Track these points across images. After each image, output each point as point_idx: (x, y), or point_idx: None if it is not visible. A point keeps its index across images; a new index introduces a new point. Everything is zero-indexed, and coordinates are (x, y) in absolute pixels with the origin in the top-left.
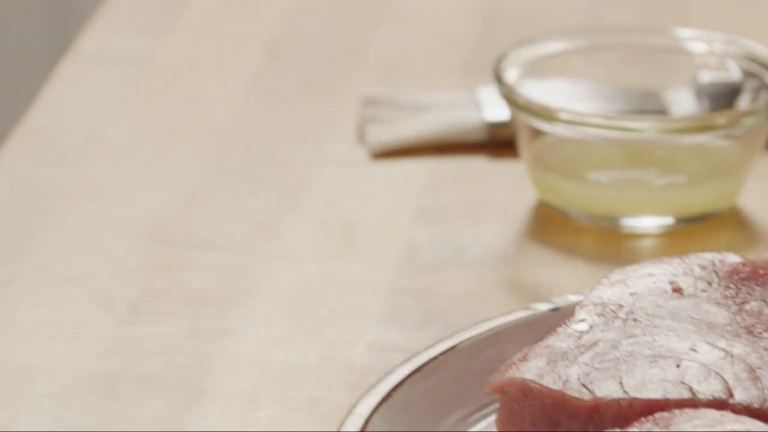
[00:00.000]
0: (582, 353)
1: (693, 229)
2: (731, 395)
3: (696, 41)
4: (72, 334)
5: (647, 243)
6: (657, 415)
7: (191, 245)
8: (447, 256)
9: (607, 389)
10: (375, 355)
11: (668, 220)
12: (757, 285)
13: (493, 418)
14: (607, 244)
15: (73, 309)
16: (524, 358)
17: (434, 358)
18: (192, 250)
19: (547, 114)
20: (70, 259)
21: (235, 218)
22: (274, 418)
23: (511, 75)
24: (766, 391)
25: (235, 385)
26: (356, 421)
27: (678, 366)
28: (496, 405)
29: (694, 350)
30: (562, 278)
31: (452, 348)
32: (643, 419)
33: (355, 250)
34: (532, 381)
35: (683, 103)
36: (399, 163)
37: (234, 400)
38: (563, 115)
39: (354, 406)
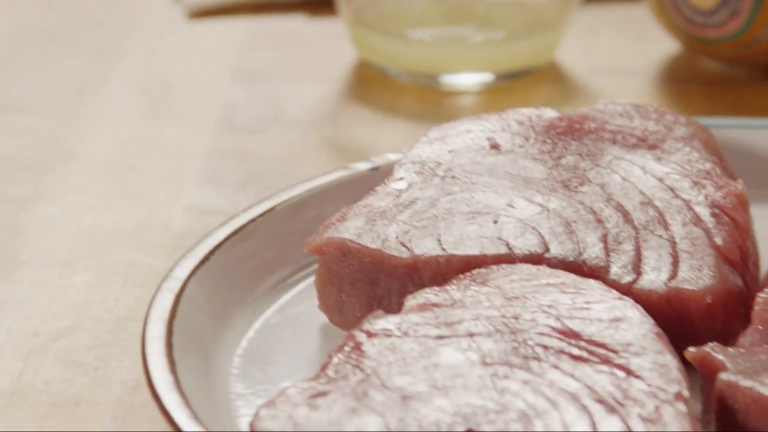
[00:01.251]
0: (400, 212)
1: (512, 85)
2: (547, 249)
3: None
4: None
5: (467, 100)
6: (475, 271)
7: (2, 109)
8: (266, 116)
9: (426, 247)
10: (193, 218)
11: (487, 77)
12: (573, 139)
13: (312, 278)
14: (426, 101)
15: None
16: (343, 218)
17: (252, 220)
18: (3, 114)
19: None
20: None
21: (49, 81)
22: (90, 283)
23: None
24: (581, 245)
25: (49, 251)
26: (173, 284)
27: (495, 222)
28: (316, 265)
29: (511, 206)
30: (381, 137)
31: (271, 209)
32: (461, 276)
33: (173, 113)
34: (350, 240)
35: None
36: (216, 23)
37: (49, 266)
38: None
39: (171, 269)
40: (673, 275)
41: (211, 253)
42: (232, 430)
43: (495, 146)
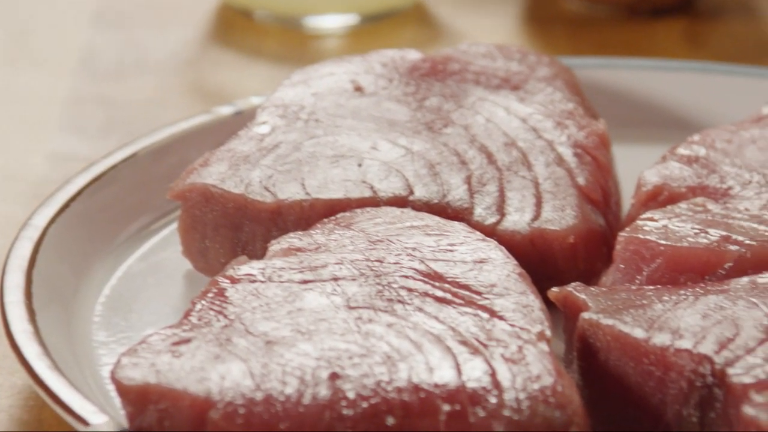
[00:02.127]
0: (264, 156)
1: (376, 26)
2: (411, 192)
3: None
4: None
5: (331, 42)
6: (339, 215)
7: None
8: (128, 61)
9: (289, 191)
10: (54, 165)
11: (352, 18)
12: (437, 81)
13: (176, 225)
14: (290, 44)
15: None
16: (205, 163)
17: (113, 167)
18: None
19: None
20: None
21: None
22: None
23: None
24: (445, 187)
25: None
26: (32, 233)
27: (359, 165)
28: (179, 212)
29: (375, 149)
30: (245, 81)
31: (132, 156)
32: (325, 220)
33: (31, 57)
34: (213, 186)
35: None
36: None
37: None
38: None
39: (29, 217)
40: (537, 216)
41: (71, 200)
42: (93, 378)
43: (358, 89)
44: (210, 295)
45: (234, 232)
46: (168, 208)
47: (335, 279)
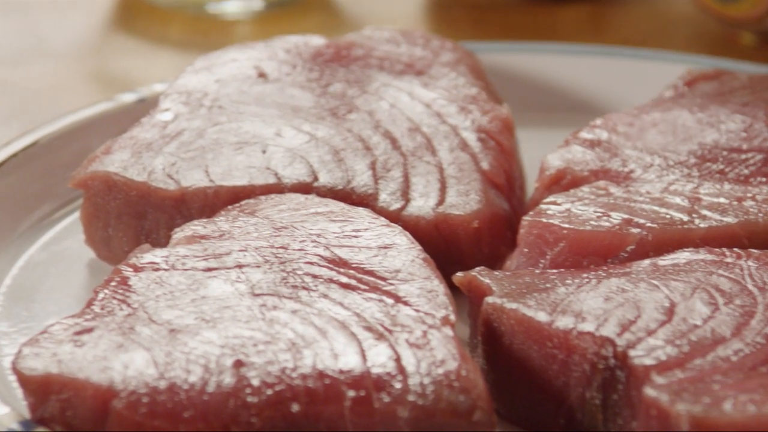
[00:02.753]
0: (167, 143)
1: (281, 13)
2: (316, 178)
3: None
4: None
5: (236, 29)
6: (243, 202)
7: None
8: (29, 48)
9: (193, 178)
10: None
11: (257, 4)
12: (341, 66)
13: (78, 213)
14: (195, 31)
15: None
16: (108, 151)
17: (14, 155)
18: None
19: None
20: None
21: None
22: None
23: None
24: (349, 173)
25: None
26: None
27: (264, 152)
28: (82, 200)
29: (280, 135)
30: (148, 68)
31: (33, 144)
32: (229, 207)
33: None
34: (115, 173)
35: None
36: None
37: None
38: None
39: None
40: (441, 201)
41: None
42: None
43: (262, 75)
44: (113, 283)
45: (137, 220)
46: (70, 197)
47: (239, 266)
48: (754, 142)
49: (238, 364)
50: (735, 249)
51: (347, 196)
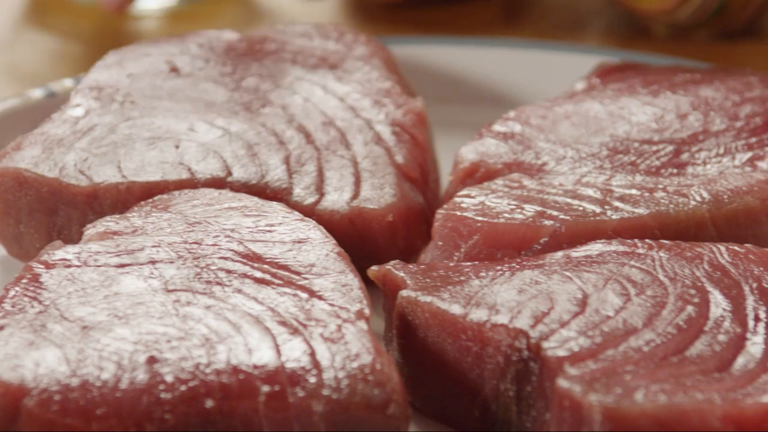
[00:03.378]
0: (78, 139)
1: (195, 8)
2: (229, 173)
3: None
4: None
5: (149, 24)
6: (156, 197)
7: None
8: None
9: (105, 174)
10: None
11: (170, 0)
12: (254, 61)
13: None
14: (107, 26)
15: None
16: (18, 147)
17: None
18: None
19: None
20: None
21: None
22: None
23: None
24: (263, 167)
25: None
26: None
27: (177, 147)
28: None
29: (193, 130)
30: (59, 63)
31: None
32: (142, 202)
33: None
34: (26, 170)
35: None
36: None
37: None
38: None
39: None
40: (356, 195)
41: None
42: None
43: (174, 70)
44: (24, 281)
45: (49, 216)
46: None
47: (152, 262)
48: (664, 133)
49: (151, 360)
50: (647, 240)
51: (261, 190)
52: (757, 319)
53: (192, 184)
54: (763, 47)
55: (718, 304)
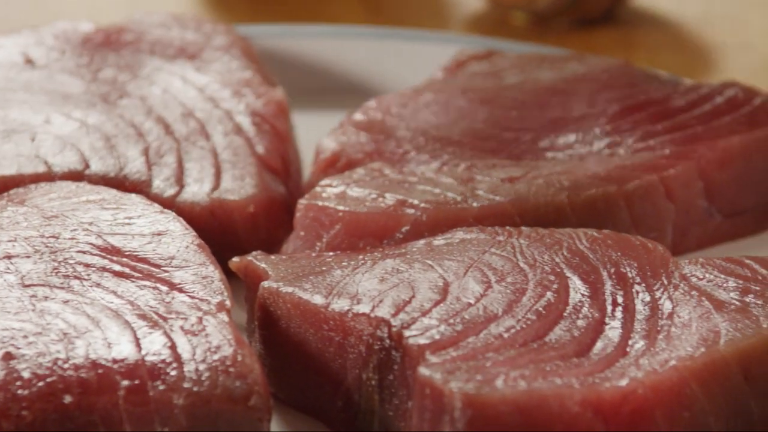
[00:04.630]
0: None
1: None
2: (87, 166)
3: None
4: None
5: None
6: (12, 191)
7: None
8: None
9: None
10: None
11: None
12: (112, 51)
13: None
14: None
15: None
16: None
17: None
18: None
19: None
20: None
21: None
22: None
23: None
24: (122, 160)
25: None
26: None
27: (33, 140)
28: None
29: (49, 122)
30: None
31: None
32: None
33: None
34: None
35: None
36: None
37: None
38: None
39: None
40: (216, 186)
41: None
42: None
43: (29, 61)
44: None
45: None
46: None
47: (8, 257)
48: (524, 121)
49: (7, 356)
50: (507, 227)
51: (120, 183)
52: (615, 303)
53: (49, 177)
54: (620, 35)
55: (577, 289)
